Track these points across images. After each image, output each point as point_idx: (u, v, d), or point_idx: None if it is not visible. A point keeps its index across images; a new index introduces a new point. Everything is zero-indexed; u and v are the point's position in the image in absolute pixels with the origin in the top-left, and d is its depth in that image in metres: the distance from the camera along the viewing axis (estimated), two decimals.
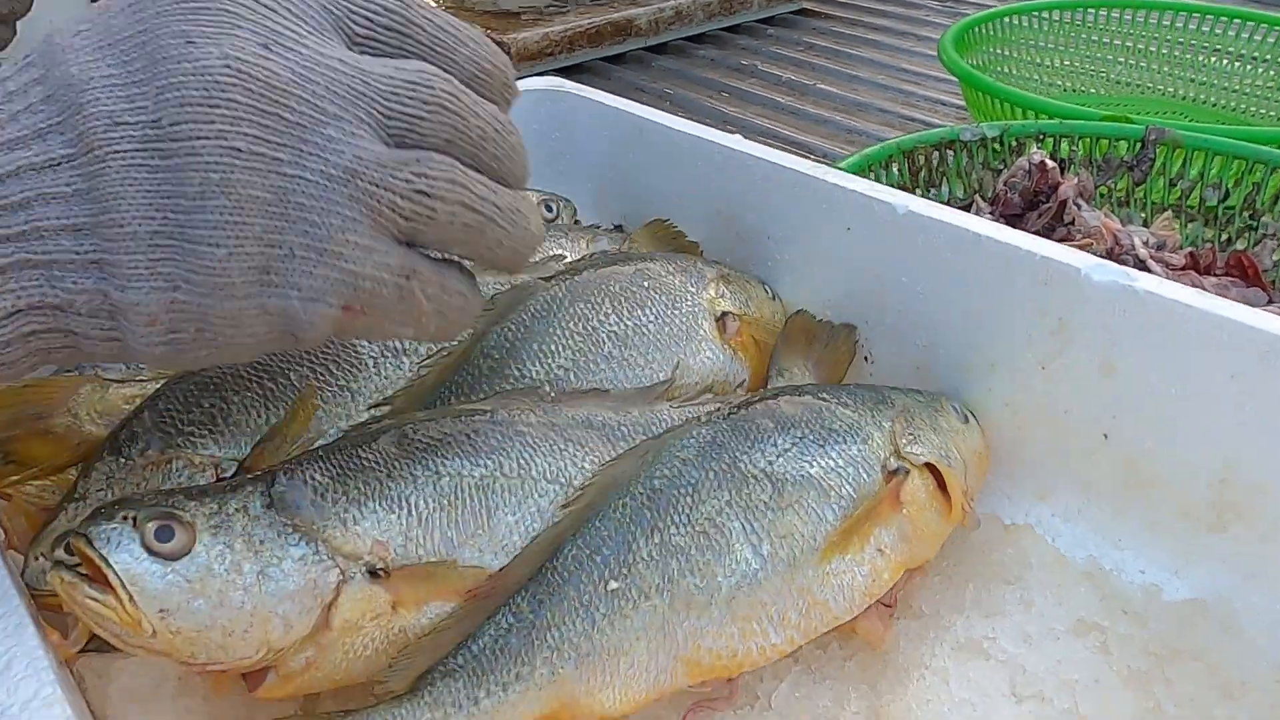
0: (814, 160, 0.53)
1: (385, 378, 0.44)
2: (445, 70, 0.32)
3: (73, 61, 0.29)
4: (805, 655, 0.40)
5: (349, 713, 0.35)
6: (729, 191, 0.55)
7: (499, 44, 1.14)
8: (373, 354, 0.44)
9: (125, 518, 0.33)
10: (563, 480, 0.41)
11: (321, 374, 0.43)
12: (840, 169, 0.55)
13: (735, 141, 0.55)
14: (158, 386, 0.42)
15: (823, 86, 1.18)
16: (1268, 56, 1.06)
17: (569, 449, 0.41)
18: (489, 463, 0.40)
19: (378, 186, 0.30)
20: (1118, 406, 0.43)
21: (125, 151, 0.28)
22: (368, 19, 0.32)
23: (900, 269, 0.49)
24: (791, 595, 0.39)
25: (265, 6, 0.30)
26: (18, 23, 0.61)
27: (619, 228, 0.61)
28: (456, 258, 0.34)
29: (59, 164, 0.28)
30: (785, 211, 0.53)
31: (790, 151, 0.55)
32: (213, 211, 0.28)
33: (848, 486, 0.42)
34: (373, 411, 0.43)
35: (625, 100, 0.61)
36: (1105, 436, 0.44)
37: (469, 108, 0.31)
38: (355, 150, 0.29)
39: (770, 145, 0.55)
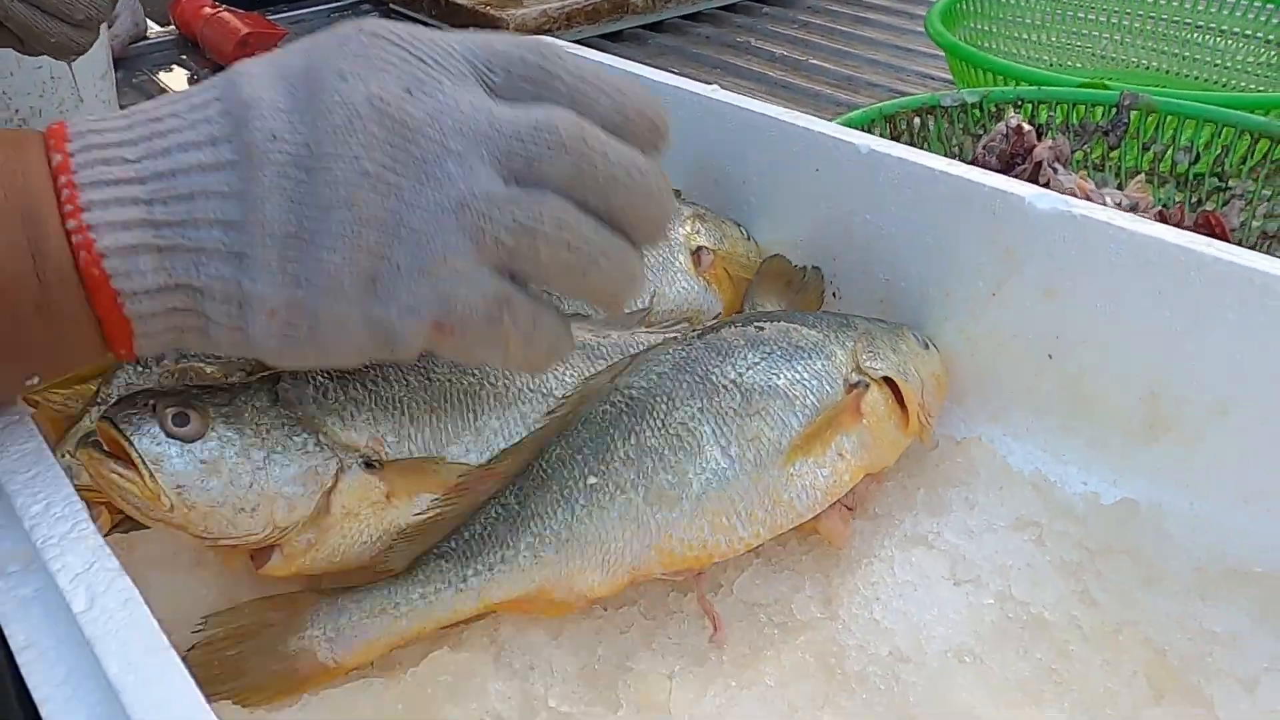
0: (783, 107, 0.56)
1: None
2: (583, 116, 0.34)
3: (246, 86, 0.32)
4: (766, 550, 0.43)
5: (350, 588, 0.39)
6: (708, 140, 0.59)
7: (496, 21, 1.18)
8: None
9: (147, 405, 0.37)
10: (544, 391, 0.44)
11: None
12: None
13: (712, 91, 0.58)
14: None
15: (815, 62, 1.21)
16: (1248, 32, 1.09)
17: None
18: (477, 372, 0.43)
19: (485, 219, 0.32)
20: (1060, 328, 0.47)
21: (278, 163, 0.31)
22: (505, 69, 0.34)
23: (864, 206, 0.52)
24: (758, 493, 0.43)
25: (415, 57, 0.33)
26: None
27: None
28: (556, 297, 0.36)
29: (223, 167, 0.31)
30: (758, 156, 0.56)
31: None
32: (336, 222, 0.31)
33: (811, 397, 0.45)
34: None
35: (609, 56, 0.64)
36: (1050, 357, 0.47)
37: (596, 150, 0.33)
38: (470, 184, 0.32)
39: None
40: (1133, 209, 0.77)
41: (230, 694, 0.36)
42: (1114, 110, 0.83)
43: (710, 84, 0.59)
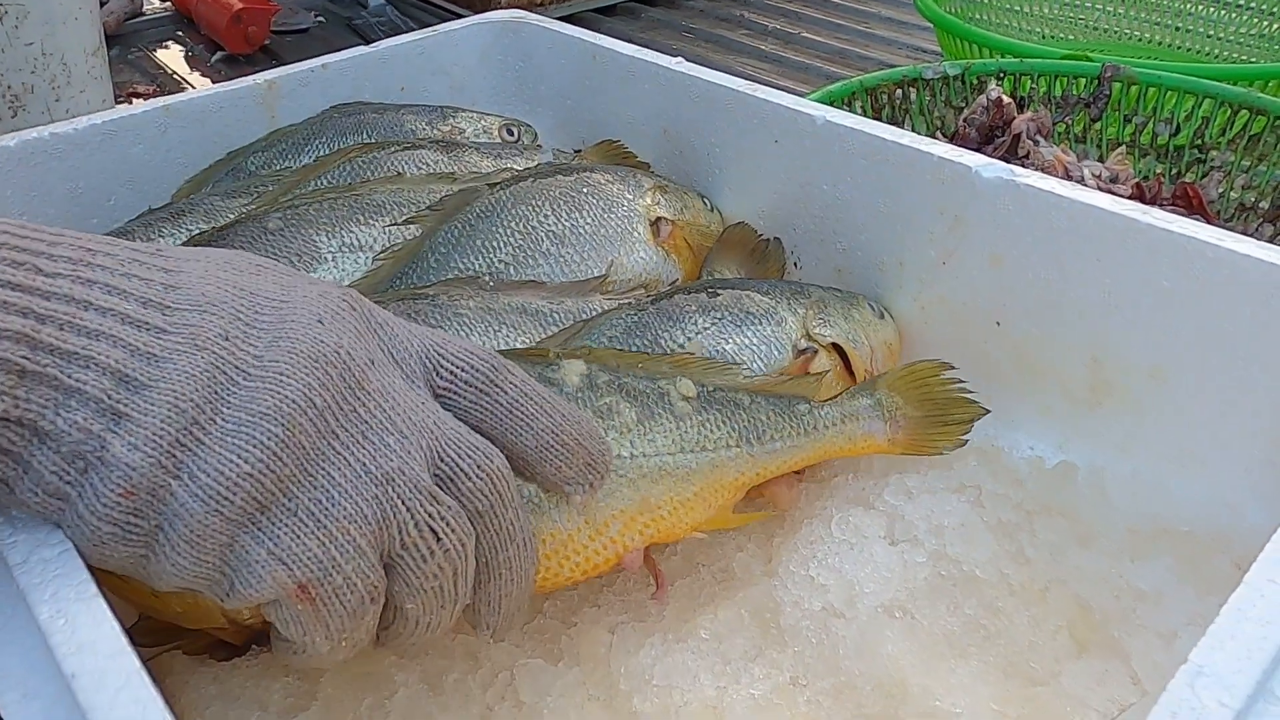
0: (770, 80, 0.57)
1: (342, 269, 0.49)
2: (520, 440, 0.33)
3: (205, 285, 0.30)
4: None
5: None
6: (673, 112, 0.59)
7: (489, 1, 1.18)
8: (331, 249, 0.49)
9: None
10: None
11: (284, 264, 0.48)
12: None
13: (676, 63, 0.59)
14: None
15: (807, 35, 1.21)
16: (1241, 2, 1.08)
17: (503, 331, 0.46)
18: None
19: (403, 504, 0.30)
20: (1006, 296, 0.47)
21: (217, 356, 0.29)
22: (452, 373, 0.33)
23: (821, 177, 0.53)
24: None
25: (377, 336, 0.32)
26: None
27: (578, 152, 0.66)
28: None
29: (148, 328, 0.28)
30: (721, 128, 0.57)
31: None
32: (260, 431, 0.28)
33: (759, 361, 0.46)
34: None
35: (580, 29, 0.65)
36: (998, 324, 0.48)
37: (506, 502, 0.32)
38: (404, 464, 0.30)
39: None
40: (1113, 181, 0.77)
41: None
42: (1096, 82, 0.83)
43: (675, 56, 0.60)
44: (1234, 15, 1.09)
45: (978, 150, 0.78)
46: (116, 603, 0.29)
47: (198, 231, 0.51)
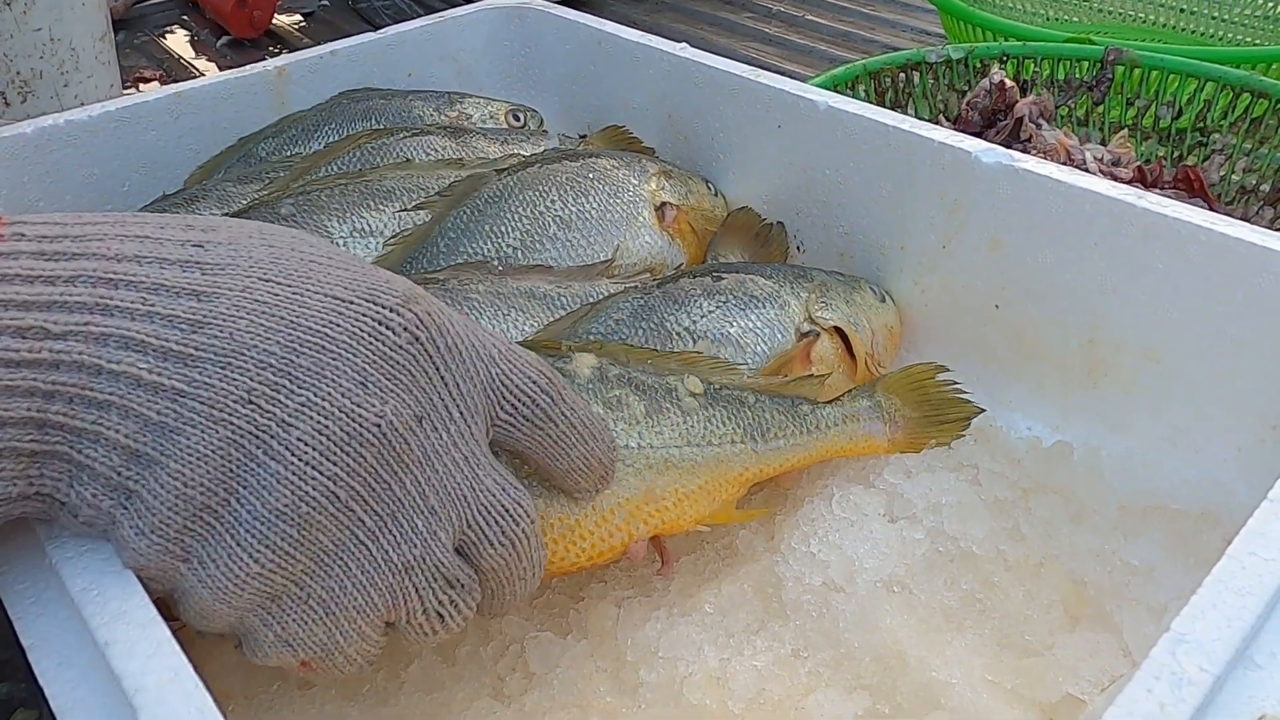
0: (772, 64, 0.58)
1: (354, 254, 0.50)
2: (554, 464, 0.34)
3: (240, 318, 0.27)
4: None
5: None
6: (677, 97, 0.60)
7: None
8: (342, 234, 0.50)
9: None
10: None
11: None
12: None
13: (681, 49, 0.59)
14: None
15: (811, 18, 1.21)
16: None
17: (512, 314, 0.47)
18: None
19: (418, 593, 0.30)
20: (1005, 278, 0.48)
21: (236, 429, 0.26)
22: (514, 408, 0.32)
23: (824, 162, 0.54)
24: None
25: (441, 375, 0.30)
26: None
27: (584, 138, 0.66)
28: None
29: (165, 393, 0.26)
30: (726, 113, 0.58)
31: None
32: (273, 531, 0.27)
33: (762, 344, 0.47)
34: None
35: (585, 15, 0.65)
36: (997, 307, 0.49)
37: (524, 553, 0.32)
38: (426, 550, 0.29)
39: None
40: (1115, 164, 0.78)
41: None
42: (1098, 65, 0.83)
43: (680, 42, 0.61)
44: None
45: (980, 134, 0.79)
46: None
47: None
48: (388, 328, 0.29)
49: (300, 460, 0.27)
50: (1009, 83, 0.80)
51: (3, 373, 0.25)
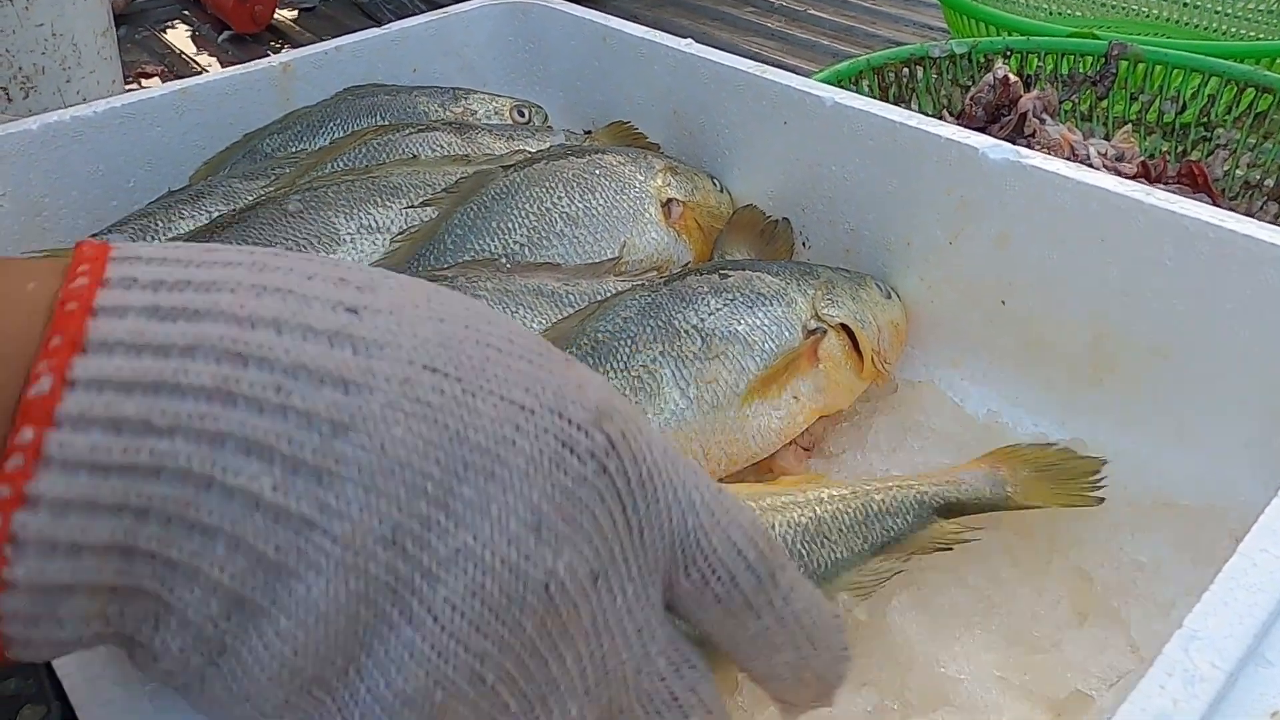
0: (774, 59, 0.58)
1: (361, 251, 0.50)
2: (751, 664, 0.26)
3: (410, 406, 0.21)
4: (723, 485, 0.46)
5: None
6: (683, 93, 0.60)
7: None
8: (350, 231, 0.50)
9: None
10: None
11: (304, 246, 0.49)
12: None
13: (686, 45, 0.59)
14: None
15: (814, 13, 1.21)
16: None
17: (520, 311, 0.47)
18: None
19: None
20: (1012, 275, 0.48)
21: (373, 577, 0.20)
22: (704, 579, 0.24)
23: (830, 158, 0.54)
24: (714, 433, 0.45)
25: (625, 519, 0.23)
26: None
27: (589, 133, 0.66)
28: None
29: (287, 522, 0.20)
30: (732, 109, 0.58)
31: None
32: (402, 712, 0.21)
33: (770, 342, 0.47)
34: None
35: (590, 10, 0.65)
36: (1003, 304, 0.49)
37: None
38: None
39: None
40: (1118, 159, 0.78)
41: None
42: (1102, 60, 0.83)
43: (686, 38, 0.60)
44: None
45: (984, 129, 0.79)
46: None
47: (218, 214, 0.52)
48: (573, 453, 0.22)
49: (445, 631, 0.21)
50: (1013, 78, 0.80)
51: (88, 481, 0.19)
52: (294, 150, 0.58)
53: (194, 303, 0.21)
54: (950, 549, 0.40)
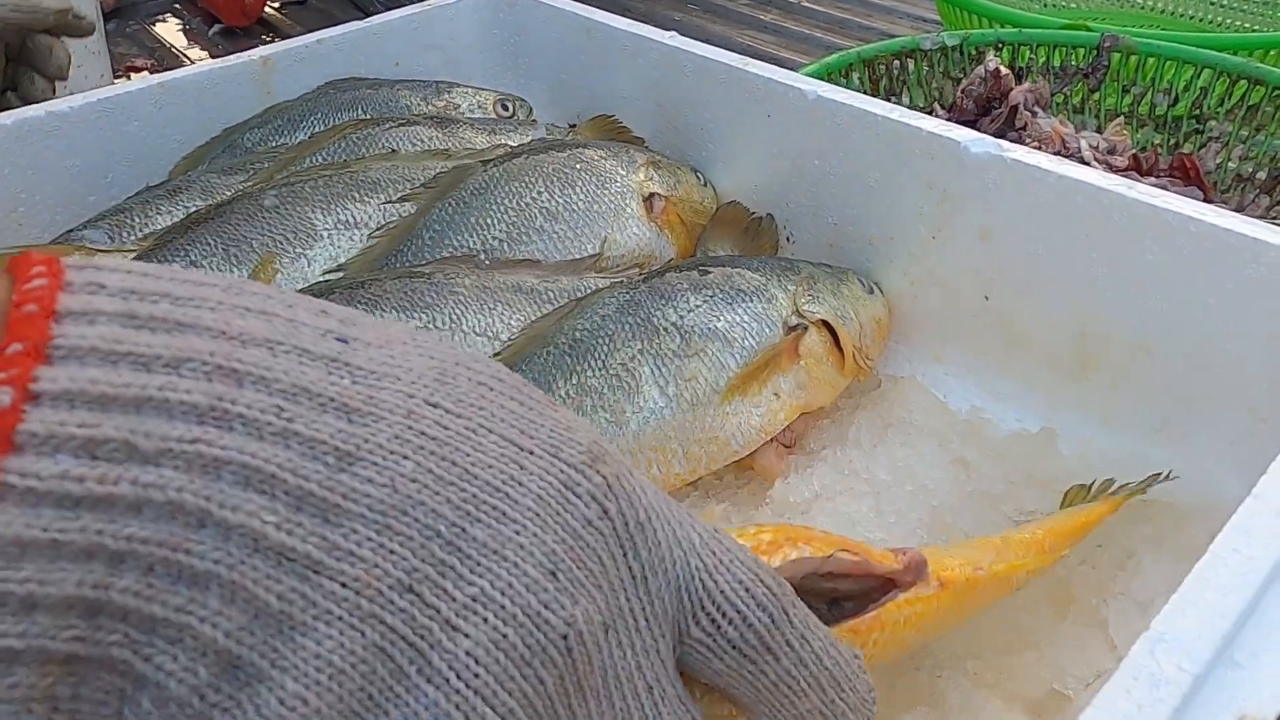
0: (768, 52, 0.57)
1: (338, 247, 0.49)
2: (770, 715, 0.24)
3: (415, 444, 0.19)
4: (704, 482, 0.45)
5: None
6: (667, 87, 0.60)
7: None
8: (327, 226, 0.50)
9: None
10: (491, 334, 0.46)
11: (280, 242, 0.48)
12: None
13: (670, 38, 0.59)
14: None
15: (807, 4, 1.20)
16: None
17: (499, 309, 0.47)
18: (423, 316, 0.45)
19: None
20: (995, 269, 0.48)
21: (388, 627, 0.18)
22: (715, 623, 0.23)
23: (813, 151, 0.53)
24: (694, 431, 0.45)
25: (629, 566, 0.21)
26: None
27: (573, 127, 0.66)
28: None
29: (290, 564, 0.17)
30: (715, 103, 0.57)
31: None
32: None
33: (750, 339, 0.47)
34: (326, 277, 0.48)
35: (574, 3, 0.65)
36: (986, 298, 0.49)
37: None
38: None
39: None
40: (1110, 152, 0.77)
41: None
42: (1094, 52, 0.83)
43: (670, 31, 0.60)
44: None
45: (975, 122, 0.78)
46: None
47: (195, 208, 0.51)
48: (575, 495, 0.21)
49: (467, 686, 0.18)
50: (1004, 70, 0.79)
51: (52, 517, 0.16)
52: (274, 145, 0.58)
53: (174, 314, 0.18)
54: None
